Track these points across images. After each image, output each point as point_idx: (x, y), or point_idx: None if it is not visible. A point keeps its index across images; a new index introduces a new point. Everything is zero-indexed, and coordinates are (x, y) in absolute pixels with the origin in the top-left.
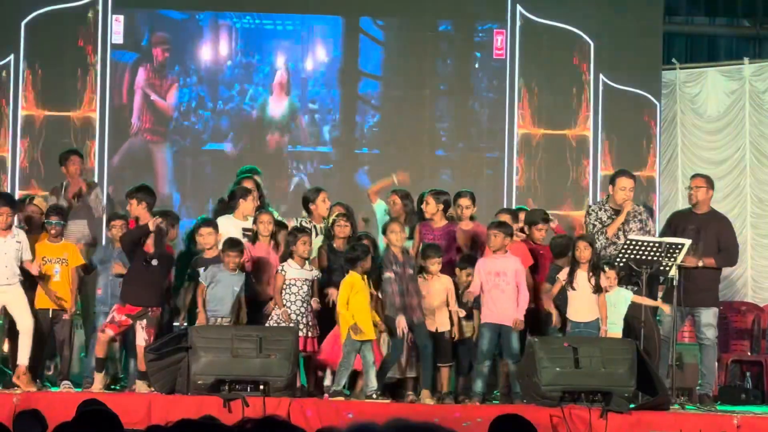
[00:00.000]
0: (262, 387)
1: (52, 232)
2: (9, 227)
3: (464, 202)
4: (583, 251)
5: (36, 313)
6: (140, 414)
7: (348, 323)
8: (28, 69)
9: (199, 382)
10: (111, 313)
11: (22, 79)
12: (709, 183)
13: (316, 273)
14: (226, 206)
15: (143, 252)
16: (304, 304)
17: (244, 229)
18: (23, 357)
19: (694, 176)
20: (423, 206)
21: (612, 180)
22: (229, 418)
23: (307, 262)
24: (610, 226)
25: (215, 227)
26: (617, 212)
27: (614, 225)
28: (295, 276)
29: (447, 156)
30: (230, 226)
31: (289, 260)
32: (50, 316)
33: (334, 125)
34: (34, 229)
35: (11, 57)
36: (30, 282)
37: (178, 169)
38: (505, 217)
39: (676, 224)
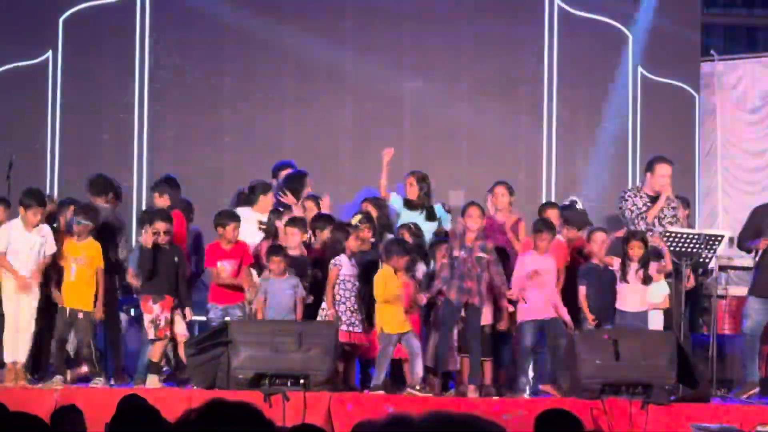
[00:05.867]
0: (302, 381)
1: (78, 230)
2: (37, 225)
3: (500, 190)
4: (637, 251)
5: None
6: (180, 410)
7: (382, 319)
8: (66, 66)
9: (239, 376)
10: (158, 316)
11: (61, 75)
12: None
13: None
14: (246, 198)
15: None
16: (357, 300)
17: (260, 222)
18: (22, 353)
19: None
20: (492, 200)
21: (649, 166)
22: (270, 413)
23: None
24: (650, 211)
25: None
26: (652, 198)
27: (654, 209)
28: (349, 272)
29: (485, 149)
30: (248, 218)
31: (342, 256)
32: (67, 315)
33: None
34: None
35: (49, 54)
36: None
37: None
38: (553, 213)
39: (761, 216)
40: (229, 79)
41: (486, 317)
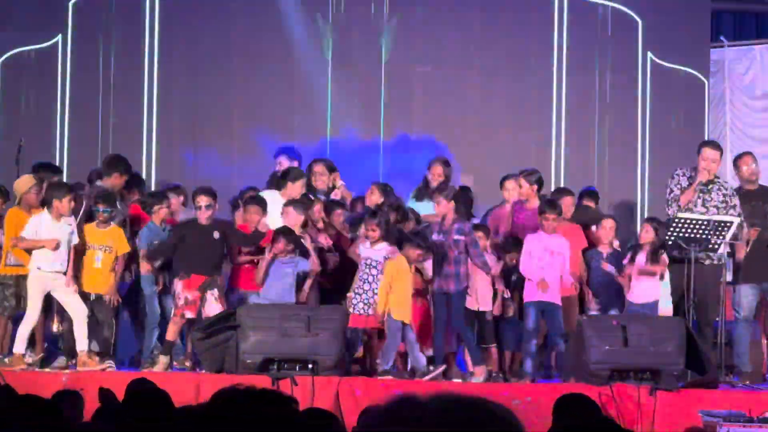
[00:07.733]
0: (310, 366)
1: (101, 218)
2: (69, 214)
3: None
4: (645, 234)
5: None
6: (189, 393)
7: (390, 304)
8: (75, 49)
9: (247, 361)
10: (180, 295)
11: (70, 59)
12: (755, 158)
13: (384, 253)
14: (276, 182)
15: (201, 226)
16: (375, 283)
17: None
18: (82, 343)
19: (743, 155)
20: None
21: (699, 149)
22: None
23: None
24: (683, 194)
25: (264, 206)
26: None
27: (687, 194)
28: (368, 255)
29: (497, 134)
30: (274, 202)
31: (367, 242)
32: (92, 299)
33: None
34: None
35: (59, 37)
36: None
37: None
38: (567, 200)
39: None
40: (238, 62)
41: (485, 302)
